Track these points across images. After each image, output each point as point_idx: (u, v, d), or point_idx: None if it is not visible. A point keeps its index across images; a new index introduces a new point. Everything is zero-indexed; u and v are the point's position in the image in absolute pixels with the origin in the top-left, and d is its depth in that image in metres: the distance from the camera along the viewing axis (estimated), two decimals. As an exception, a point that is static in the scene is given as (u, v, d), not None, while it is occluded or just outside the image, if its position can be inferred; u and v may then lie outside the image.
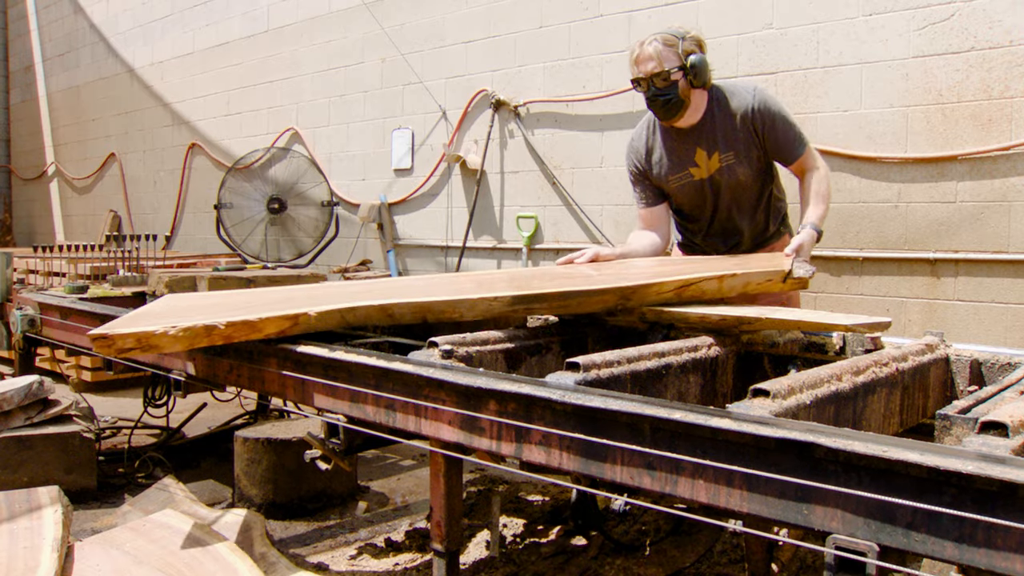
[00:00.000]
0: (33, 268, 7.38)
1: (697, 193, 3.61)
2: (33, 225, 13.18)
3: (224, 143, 9.16)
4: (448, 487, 2.41)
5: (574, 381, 2.14)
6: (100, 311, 3.84)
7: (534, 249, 6.30)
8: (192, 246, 9.44)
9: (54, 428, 4.08)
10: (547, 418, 2.10)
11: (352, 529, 3.80)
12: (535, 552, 3.31)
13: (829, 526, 1.60)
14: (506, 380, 2.18)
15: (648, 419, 1.90)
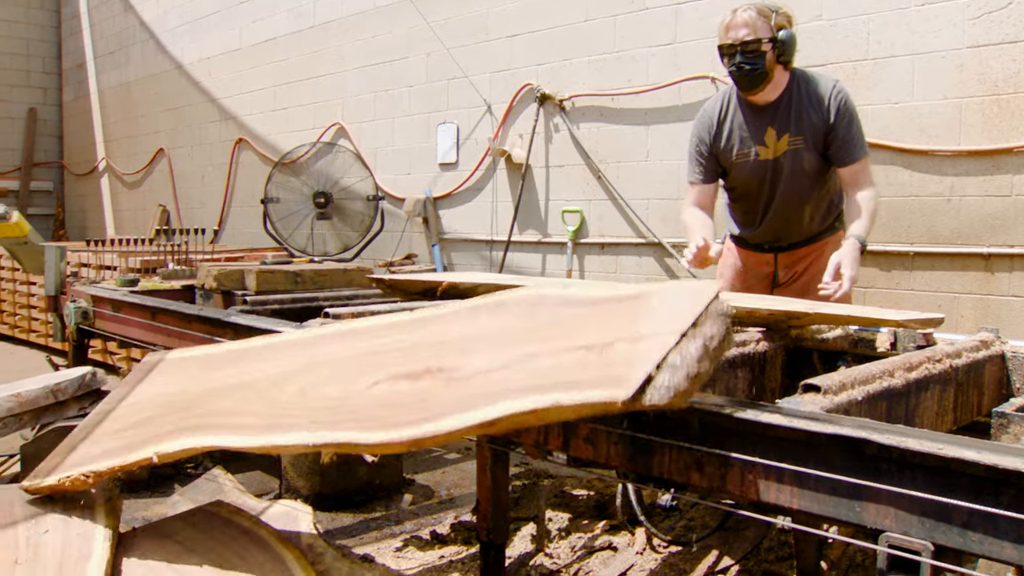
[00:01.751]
0: (85, 262, 7.52)
1: (758, 174, 3.58)
2: (85, 220, 13.42)
3: (270, 138, 9.26)
4: (495, 480, 2.42)
5: (622, 376, 2.13)
6: (150, 304, 3.90)
7: (579, 243, 6.29)
8: (239, 240, 9.55)
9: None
10: (594, 412, 2.09)
11: (398, 521, 3.82)
12: (580, 546, 3.31)
13: (882, 524, 1.58)
14: (553, 374, 2.17)
15: (697, 413, 1.89)
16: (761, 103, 3.54)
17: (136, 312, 4.00)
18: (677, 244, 5.68)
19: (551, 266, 6.54)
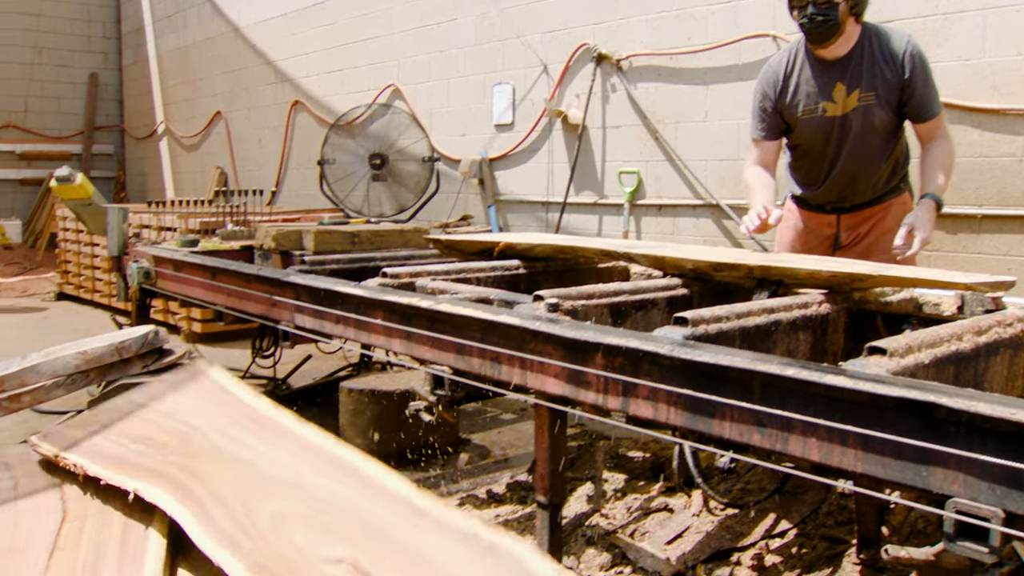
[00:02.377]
0: (146, 223, 7.64)
1: (824, 131, 3.51)
2: (145, 182, 13.64)
3: (326, 100, 9.29)
4: (552, 440, 2.42)
5: (682, 336, 2.11)
6: (211, 264, 3.95)
7: (636, 205, 6.23)
8: (296, 202, 9.63)
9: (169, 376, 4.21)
10: (654, 373, 2.08)
11: (454, 480, 3.85)
12: (636, 507, 3.31)
13: (950, 490, 1.55)
14: (613, 334, 2.16)
15: (759, 375, 1.86)
16: (831, 57, 3.45)
17: (197, 272, 4.05)
18: (735, 206, 5.60)
19: (607, 227, 6.50)
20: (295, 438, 2.47)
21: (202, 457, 2.55)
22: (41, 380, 4.20)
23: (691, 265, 2.87)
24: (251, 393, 2.72)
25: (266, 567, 1.97)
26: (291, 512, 2.15)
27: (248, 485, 2.31)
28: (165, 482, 2.46)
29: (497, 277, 3.24)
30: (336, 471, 2.29)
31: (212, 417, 2.69)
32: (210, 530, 2.18)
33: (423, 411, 2.82)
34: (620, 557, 3.02)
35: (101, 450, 2.80)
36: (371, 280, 3.05)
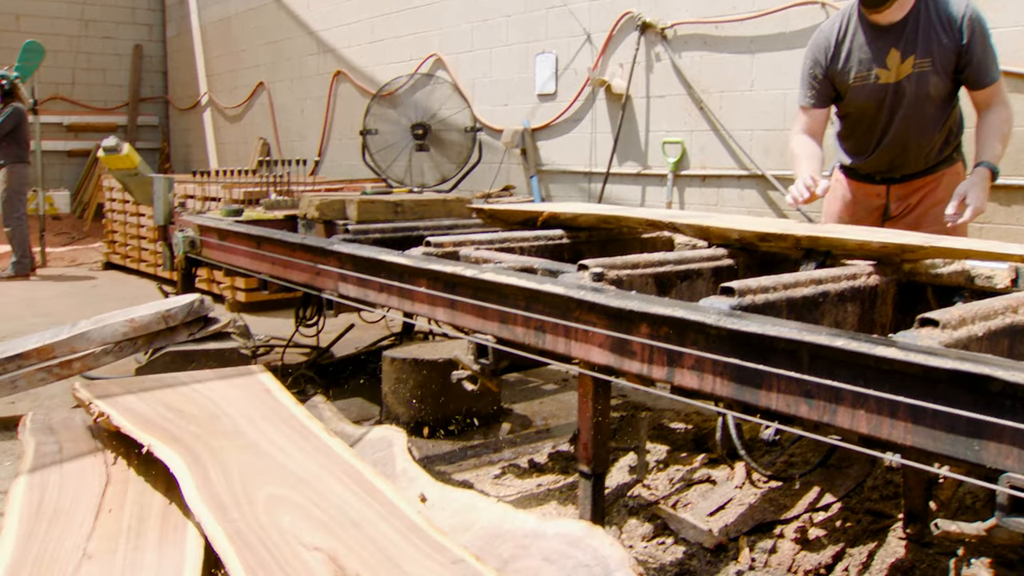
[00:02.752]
0: (191, 194, 7.71)
1: (876, 98, 3.44)
2: (189, 153, 13.76)
3: (368, 70, 9.28)
4: (596, 409, 2.41)
5: (729, 306, 2.09)
6: (255, 233, 3.98)
7: (680, 176, 6.17)
8: (338, 172, 9.67)
9: (214, 344, 4.27)
10: (700, 343, 2.06)
11: (496, 449, 3.87)
12: (678, 479, 3.30)
13: (1003, 464, 1.52)
14: (659, 303, 2.14)
15: (807, 346, 1.84)
16: (885, 23, 3.37)
17: (241, 241, 4.09)
18: (781, 177, 5.53)
19: (651, 198, 6.45)
20: (319, 444, 2.50)
21: (222, 436, 2.58)
22: (90, 347, 4.28)
23: (737, 235, 2.84)
24: (292, 401, 2.76)
25: (246, 538, 2.00)
26: (287, 499, 2.19)
27: (256, 469, 2.35)
28: (179, 446, 2.52)
29: (540, 247, 3.23)
30: (345, 477, 2.32)
31: (246, 408, 2.73)
32: (204, 492, 2.22)
33: (466, 380, 2.83)
34: (662, 528, 3.02)
35: (132, 407, 2.85)
36: (415, 249, 3.05)
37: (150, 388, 3.04)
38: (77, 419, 3.35)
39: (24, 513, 2.73)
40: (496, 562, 2.27)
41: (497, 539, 2.34)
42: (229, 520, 2.05)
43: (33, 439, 3.22)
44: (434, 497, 2.63)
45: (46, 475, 2.97)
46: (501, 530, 2.36)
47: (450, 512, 2.52)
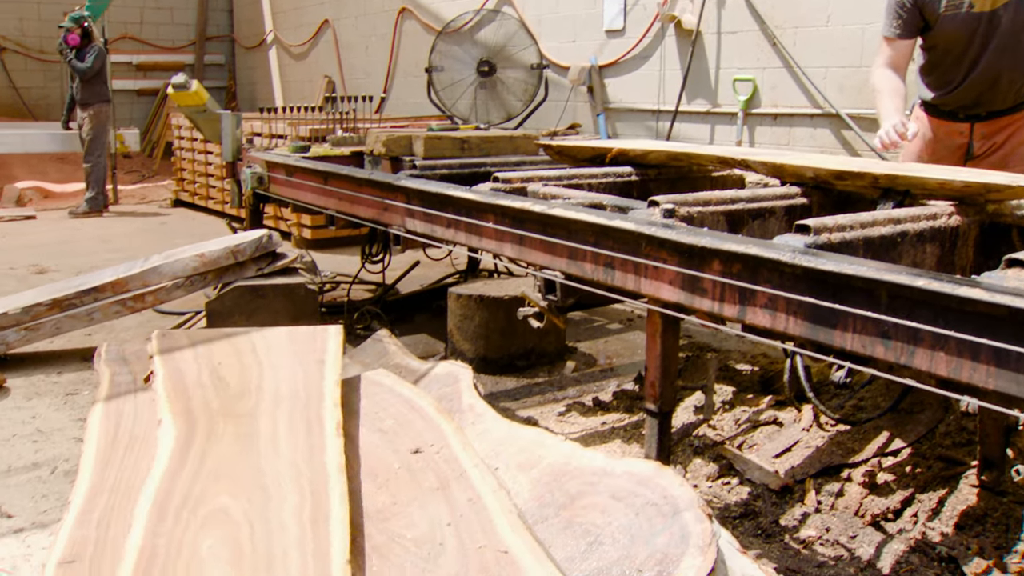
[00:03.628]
0: (257, 131, 7.76)
1: (968, 28, 3.30)
2: (254, 92, 13.83)
3: (434, 6, 9.19)
4: (664, 347, 2.39)
5: (804, 244, 2.04)
6: (322, 168, 3.99)
7: (750, 114, 6.03)
8: (403, 109, 9.64)
9: (282, 279, 4.32)
10: (774, 280, 2.02)
11: (560, 387, 3.87)
12: (744, 420, 3.27)
13: (1091, 408, 1.47)
14: (731, 240, 2.10)
15: (886, 285, 1.79)
16: None
17: (309, 177, 4.10)
18: (856, 115, 5.37)
19: (720, 137, 6.32)
20: (315, 443, 2.44)
21: (233, 418, 2.58)
22: (162, 281, 4.37)
23: (811, 173, 2.76)
24: (334, 379, 2.73)
25: (153, 559, 2.00)
26: (227, 517, 2.13)
27: (229, 469, 2.32)
28: (183, 425, 2.58)
29: (609, 183, 3.19)
30: (305, 487, 2.25)
31: (283, 384, 2.73)
32: (161, 491, 2.23)
33: (532, 317, 2.82)
34: (727, 468, 3.00)
35: (180, 368, 2.91)
36: (482, 185, 3.03)
37: (213, 342, 3.07)
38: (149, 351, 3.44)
39: (101, 441, 2.81)
40: (563, 498, 2.28)
41: (564, 476, 2.35)
42: (157, 533, 2.06)
43: (108, 370, 3.31)
44: (501, 433, 2.64)
45: (121, 404, 3.06)
46: (568, 467, 2.36)
47: (516, 449, 2.53)
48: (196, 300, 4.85)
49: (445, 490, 2.25)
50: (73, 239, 7.88)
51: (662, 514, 2.15)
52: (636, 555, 2.09)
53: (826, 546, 2.59)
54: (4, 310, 4.11)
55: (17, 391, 3.87)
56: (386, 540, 2.12)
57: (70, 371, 4.14)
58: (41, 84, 12.96)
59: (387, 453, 2.46)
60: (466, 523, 2.12)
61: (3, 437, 3.39)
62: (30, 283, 5.76)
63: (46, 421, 3.55)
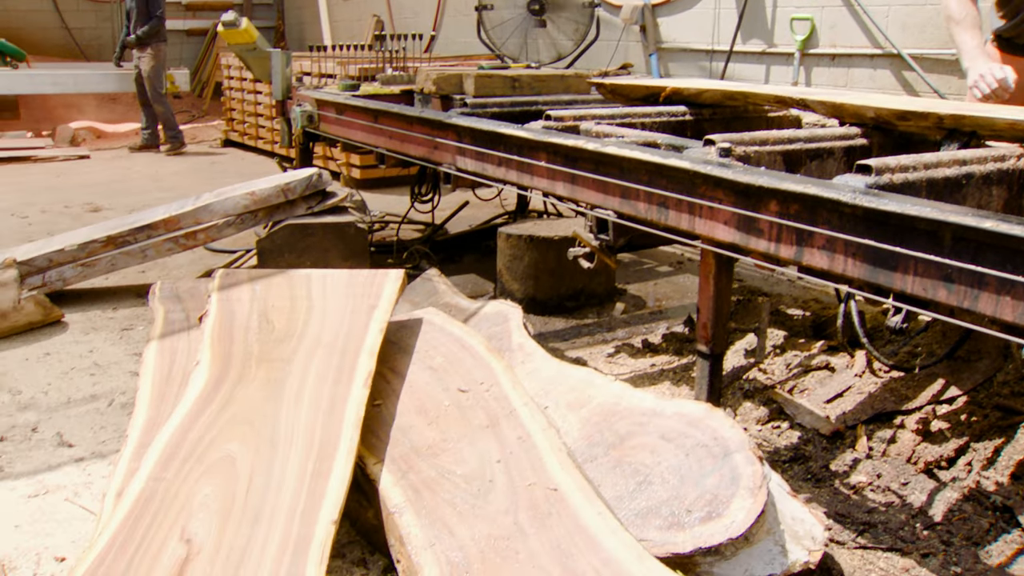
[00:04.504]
0: (307, 70, 7.74)
1: None
2: (303, 31, 13.78)
3: (484, -57, 9.04)
4: (718, 289, 2.36)
5: (865, 184, 1.99)
6: (373, 107, 3.97)
7: (808, 54, 5.88)
8: (452, 49, 9.54)
9: (332, 218, 4.33)
10: (833, 221, 1.97)
11: (609, 329, 3.86)
12: (795, 364, 3.23)
13: None
14: (790, 180, 2.06)
15: (951, 227, 1.74)
16: None
17: (359, 115, 4.08)
18: (918, 56, 5.21)
19: (775, 78, 6.18)
20: (338, 394, 2.40)
21: (267, 363, 2.56)
22: (214, 219, 4.41)
23: (872, 113, 2.68)
24: (379, 327, 2.71)
25: (147, 504, 1.98)
26: (230, 466, 2.13)
27: (248, 414, 2.31)
28: (217, 369, 2.56)
29: (663, 123, 3.13)
30: (315, 448, 2.22)
31: (327, 331, 2.71)
32: (178, 432, 2.25)
33: (582, 257, 2.80)
34: (777, 412, 2.98)
35: (231, 308, 2.92)
36: (534, 123, 2.99)
37: (272, 283, 3.07)
38: (202, 288, 3.47)
39: (156, 377, 2.86)
40: (612, 438, 2.28)
41: (614, 416, 2.34)
42: (155, 478, 2.07)
43: (162, 307, 3.36)
44: (551, 373, 2.64)
45: (175, 342, 3.10)
46: (618, 407, 2.35)
47: (566, 388, 2.53)
48: (247, 239, 4.88)
49: (495, 427, 2.25)
50: (125, 178, 7.97)
51: (712, 455, 2.14)
52: (685, 496, 2.08)
53: (877, 492, 2.57)
54: (61, 247, 4.18)
55: (75, 326, 3.95)
56: (436, 475, 2.13)
57: (125, 307, 4.21)
58: (93, 25, 13.01)
59: (437, 390, 2.47)
60: (516, 460, 2.12)
61: (62, 370, 3.46)
62: (84, 221, 5.85)
63: (103, 355, 3.62)
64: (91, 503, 2.51)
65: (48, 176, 8.06)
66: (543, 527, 1.92)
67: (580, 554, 1.84)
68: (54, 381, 3.36)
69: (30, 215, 6.32)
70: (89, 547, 1.87)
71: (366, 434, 2.28)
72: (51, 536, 2.36)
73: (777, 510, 2.13)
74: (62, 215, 6.30)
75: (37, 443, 2.89)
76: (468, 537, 1.93)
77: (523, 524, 1.94)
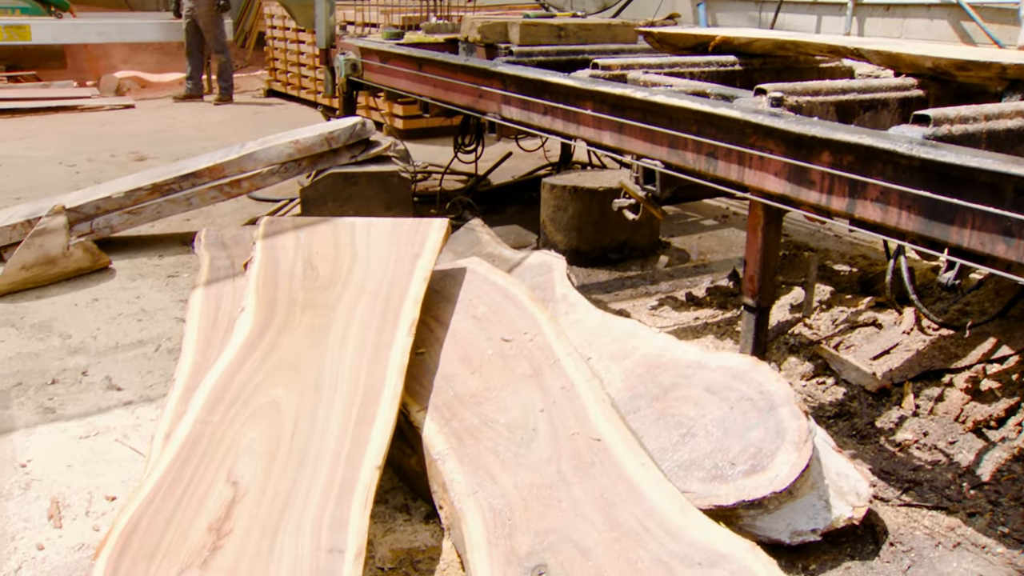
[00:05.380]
0: (350, 19, 7.69)
1: None
2: (345, -21, 13.69)
3: None
4: (766, 241, 2.32)
5: (922, 135, 1.93)
6: (417, 55, 3.94)
7: (861, 4, 5.74)
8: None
9: (375, 167, 4.32)
10: (888, 173, 1.93)
11: (653, 281, 3.82)
12: (842, 320, 3.19)
13: None
14: (844, 130, 2.01)
15: (1013, 179, 1.70)
16: None
17: (403, 63, 4.06)
18: (977, 5, 5.05)
19: (826, 28, 6.04)
20: (385, 341, 2.40)
21: (311, 310, 2.57)
22: (258, 167, 4.41)
23: (930, 63, 2.61)
24: (423, 276, 2.69)
25: (194, 447, 2.01)
26: (275, 410, 2.15)
27: (292, 360, 2.32)
28: (262, 315, 2.57)
29: (712, 72, 3.07)
30: (360, 392, 2.22)
31: (371, 279, 2.71)
32: (224, 376, 2.27)
33: (628, 209, 2.77)
34: (822, 368, 2.94)
35: (276, 256, 2.92)
36: (581, 72, 2.95)
37: (316, 230, 3.07)
38: (247, 236, 3.49)
39: (202, 322, 2.89)
40: (656, 390, 2.27)
41: (657, 368, 2.33)
42: (202, 421, 2.08)
43: (207, 254, 3.38)
44: (594, 324, 2.63)
45: (220, 288, 3.13)
46: (662, 359, 2.34)
47: (610, 339, 2.51)
48: (290, 188, 4.90)
49: (538, 377, 2.25)
50: (170, 128, 8.01)
51: (757, 409, 2.13)
52: (729, 448, 2.07)
53: (923, 450, 2.54)
54: (108, 194, 4.21)
55: (122, 272, 4.00)
56: (479, 424, 2.14)
57: (170, 255, 4.24)
58: (137, -27, 13.04)
59: (480, 339, 2.46)
60: (559, 410, 2.12)
61: (110, 316, 3.51)
62: (130, 169, 5.90)
63: (149, 301, 3.66)
64: (139, 445, 2.56)
65: (94, 125, 8.12)
66: (586, 476, 1.92)
67: (623, 504, 1.84)
68: (102, 326, 3.41)
69: (77, 163, 6.38)
70: (138, 487, 1.90)
71: (410, 382, 2.29)
72: (102, 476, 2.41)
73: (822, 465, 2.11)
74: (108, 164, 6.36)
75: (87, 386, 2.94)
76: (511, 485, 1.93)
77: (566, 473, 1.94)
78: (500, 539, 1.79)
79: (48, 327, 3.39)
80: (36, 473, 2.42)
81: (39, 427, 2.68)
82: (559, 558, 1.73)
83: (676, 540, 1.74)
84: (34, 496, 2.32)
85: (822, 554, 2.06)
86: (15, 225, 4.08)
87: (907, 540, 2.14)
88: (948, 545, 2.12)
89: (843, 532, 2.10)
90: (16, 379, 2.98)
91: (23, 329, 3.38)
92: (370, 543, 1.84)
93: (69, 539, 2.15)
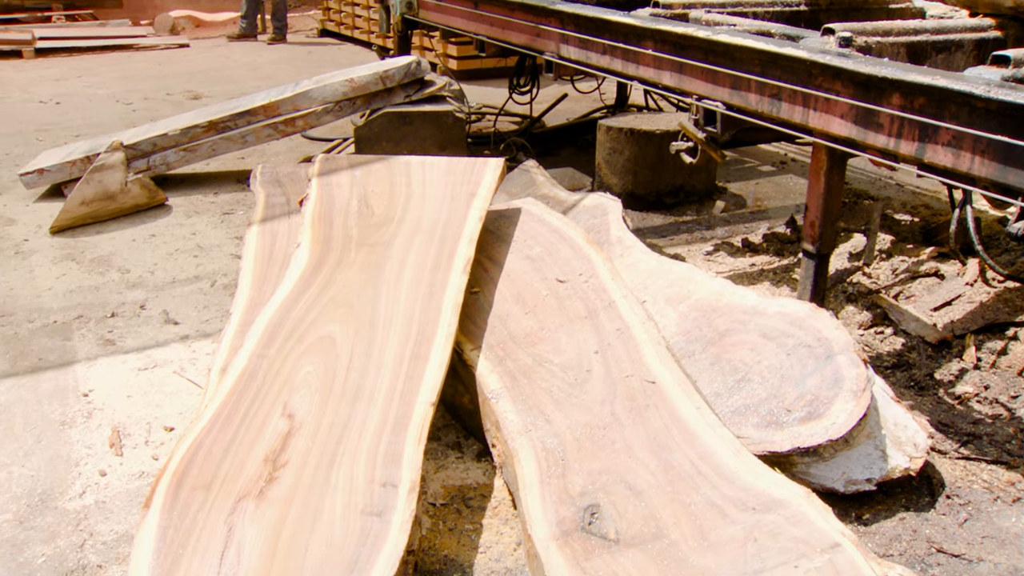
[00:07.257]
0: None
1: None
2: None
3: None
4: (829, 186, 2.27)
5: (1001, 77, 1.86)
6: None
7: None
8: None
9: (430, 106, 4.29)
10: (962, 116, 1.86)
11: (708, 227, 3.77)
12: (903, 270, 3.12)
13: None
14: (916, 71, 1.94)
15: (1096, 122, 1.63)
16: None
17: (458, 1, 4.00)
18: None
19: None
20: (441, 280, 2.38)
21: (367, 248, 2.56)
22: (312, 106, 4.41)
23: (1012, 2, 2.51)
24: (478, 214, 2.65)
25: (252, 378, 2.03)
26: (331, 346, 2.15)
27: (347, 296, 2.31)
28: (319, 250, 2.56)
29: (776, 12, 2.99)
30: (413, 336, 2.20)
31: (425, 218, 2.69)
32: (279, 314, 2.27)
33: (685, 152, 2.72)
34: (881, 317, 2.89)
35: (332, 193, 2.91)
36: (641, 10, 2.89)
37: (371, 168, 3.05)
38: (302, 173, 3.50)
39: (258, 258, 2.91)
40: (712, 334, 2.24)
41: (713, 312, 2.30)
42: (258, 355, 2.09)
43: (263, 191, 3.40)
44: (650, 267, 2.60)
45: (275, 225, 3.14)
46: (718, 304, 2.31)
47: (665, 283, 2.48)
48: (344, 127, 4.89)
49: (593, 318, 2.23)
50: (224, 67, 8.04)
51: (815, 356, 2.09)
52: (785, 395, 2.05)
53: (983, 404, 2.49)
54: (164, 131, 4.25)
55: (178, 209, 4.04)
56: (533, 363, 2.13)
57: (225, 192, 4.28)
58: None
59: (535, 280, 2.45)
60: (613, 352, 2.11)
61: (167, 251, 3.55)
62: (186, 108, 5.93)
63: (205, 238, 3.70)
64: (197, 377, 2.60)
65: (149, 64, 8.18)
66: (640, 418, 1.91)
67: (677, 447, 1.83)
68: (160, 261, 3.45)
69: (134, 102, 6.44)
70: (196, 418, 1.93)
71: (464, 320, 2.29)
72: (160, 407, 2.45)
73: (879, 415, 2.08)
74: (164, 102, 6.40)
75: (145, 320, 2.99)
76: (564, 425, 1.93)
77: (619, 414, 1.93)
78: (552, 478, 1.79)
79: (107, 261, 3.45)
80: (97, 403, 2.48)
81: (100, 359, 2.73)
82: (612, 498, 1.73)
83: (730, 484, 1.73)
84: (96, 424, 2.37)
85: (876, 504, 2.04)
86: (75, 161, 4.13)
87: (964, 493, 2.10)
88: (1007, 500, 2.08)
89: (898, 483, 2.07)
90: (77, 312, 3.04)
91: (83, 263, 3.44)
92: (422, 479, 1.85)
93: (130, 467, 2.20)
